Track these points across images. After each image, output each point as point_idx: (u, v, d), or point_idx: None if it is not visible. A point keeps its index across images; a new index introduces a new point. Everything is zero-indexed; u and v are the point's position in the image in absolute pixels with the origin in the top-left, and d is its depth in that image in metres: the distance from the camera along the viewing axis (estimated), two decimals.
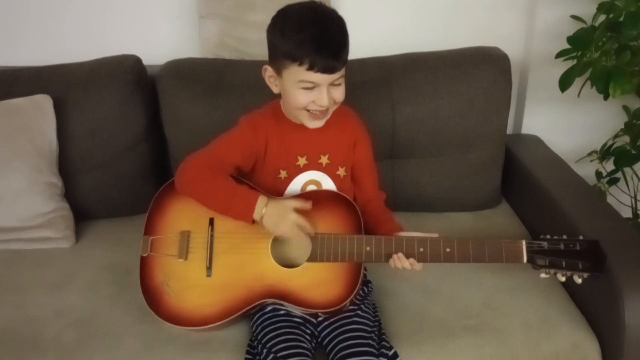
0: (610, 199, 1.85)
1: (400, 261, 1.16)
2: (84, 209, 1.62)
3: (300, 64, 1.11)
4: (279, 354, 1.12)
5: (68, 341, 1.22)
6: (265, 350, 1.14)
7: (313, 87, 1.14)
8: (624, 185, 1.84)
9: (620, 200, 1.88)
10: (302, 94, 1.15)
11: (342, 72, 1.15)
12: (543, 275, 1.16)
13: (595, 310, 1.29)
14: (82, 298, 1.34)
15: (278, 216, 1.16)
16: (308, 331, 1.22)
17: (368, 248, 1.17)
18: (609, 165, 1.80)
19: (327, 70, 1.11)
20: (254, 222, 1.18)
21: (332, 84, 1.15)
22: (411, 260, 1.16)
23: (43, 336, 1.24)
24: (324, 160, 1.29)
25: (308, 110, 1.19)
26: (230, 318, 1.17)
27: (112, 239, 1.55)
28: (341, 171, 1.30)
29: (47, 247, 1.52)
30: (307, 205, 1.19)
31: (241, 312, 1.17)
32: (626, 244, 1.29)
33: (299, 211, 1.18)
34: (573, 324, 1.28)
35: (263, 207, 1.17)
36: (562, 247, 1.15)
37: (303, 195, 1.25)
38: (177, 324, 1.17)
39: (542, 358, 1.24)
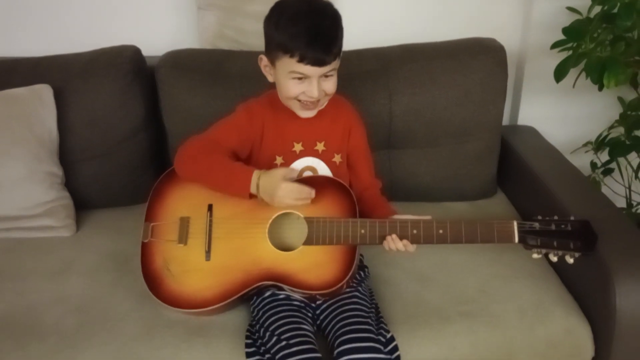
0: (604, 190, 1.87)
1: (394, 243, 1.18)
2: (84, 198, 1.64)
3: (292, 56, 1.14)
4: (282, 337, 1.14)
5: (68, 327, 1.24)
6: (268, 334, 1.16)
7: (303, 78, 1.17)
8: (619, 175, 1.86)
9: (614, 190, 1.90)
10: (293, 84, 1.18)
11: (333, 65, 1.18)
12: (535, 255, 1.17)
13: (588, 296, 1.31)
14: (83, 285, 1.36)
15: (270, 188, 1.19)
16: (309, 314, 1.24)
17: (363, 231, 1.19)
18: (604, 156, 1.82)
19: (317, 63, 1.14)
20: (251, 196, 1.21)
21: (323, 76, 1.18)
22: (405, 241, 1.18)
23: (44, 322, 1.25)
24: (320, 147, 1.31)
25: (299, 101, 1.22)
26: (229, 300, 1.18)
27: (112, 228, 1.56)
28: (337, 158, 1.32)
29: (47, 236, 1.53)
30: (293, 172, 1.23)
31: (240, 294, 1.19)
32: (618, 231, 1.31)
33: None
34: (566, 310, 1.30)
35: (257, 180, 1.19)
36: (553, 227, 1.16)
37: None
38: (177, 307, 1.19)
39: (535, 343, 1.26)
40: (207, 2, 1.73)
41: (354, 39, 1.35)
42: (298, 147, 1.30)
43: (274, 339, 1.14)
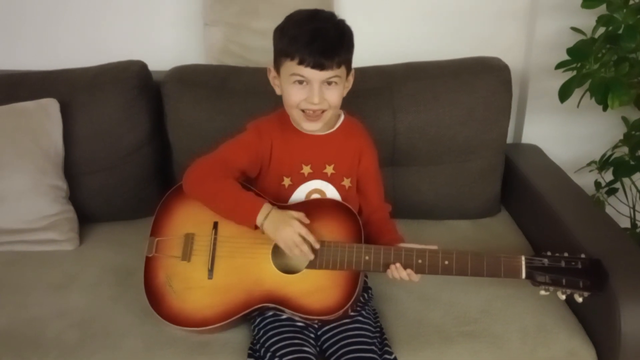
0: (608, 209, 1.86)
1: (397, 272, 1.17)
2: (88, 211, 1.64)
3: (292, 59, 1.14)
4: (284, 359, 1.12)
5: (70, 341, 1.23)
6: (269, 355, 1.15)
7: (304, 82, 1.16)
8: (623, 195, 1.85)
9: (618, 210, 1.90)
10: (295, 90, 1.18)
11: (335, 72, 1.16)
12: (542, 292, 1.15)
13: (592, 318, 1.30)
14: (85, 299, 1.36)
15: (280, 222, 1.17)
16: (312, 335, 1.22)
17: (367, 257, 1.18)
18: (608, 176, 1.81)
19: (317, 66, 1.14)
20: (256, 227, 1.19)
21: (325, 83, 1.17)
22: (409, 271, 1.17)
23: (45, 336, 1.25)
24: (329, 170, 1.30)
25: (303, 111, 1.20)
26: (230, 320, 1.18)
27: (116, 241, 1.56)
28: (346, 182, 1.31)
29: (50, 250, 1.53)
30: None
31: (240, 315, 1.18)
32: (623, 253, 1.31)
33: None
34: (569, 332, 1.29)
35: (265, 214, 1.18)
36: (563, 264, 1.14)
37: (305, 203, 1.27)
38: (177, 324, 1.19)
39: None
40: (214, 18, 1.74)
41: (358, 56, 1.35)
42: (307, 170, 1.29)
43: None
